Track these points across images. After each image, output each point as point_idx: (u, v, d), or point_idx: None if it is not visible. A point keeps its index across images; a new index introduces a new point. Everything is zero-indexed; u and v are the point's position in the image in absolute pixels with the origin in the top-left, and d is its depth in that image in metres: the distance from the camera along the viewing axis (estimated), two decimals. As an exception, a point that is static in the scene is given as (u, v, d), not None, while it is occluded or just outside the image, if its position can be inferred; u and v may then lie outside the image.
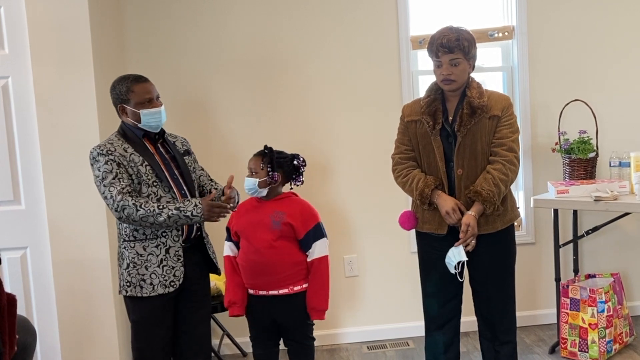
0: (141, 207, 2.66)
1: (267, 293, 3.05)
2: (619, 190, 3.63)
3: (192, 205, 2.70)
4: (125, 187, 2.70)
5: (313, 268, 3.07)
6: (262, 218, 3.05)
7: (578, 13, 4.10)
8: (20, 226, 3.33)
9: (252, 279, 3.08)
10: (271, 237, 3.02)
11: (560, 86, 4.09)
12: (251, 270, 3.06)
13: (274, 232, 3.02)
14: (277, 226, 3.02)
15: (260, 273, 3.04)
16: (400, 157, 2.99)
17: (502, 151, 2.83)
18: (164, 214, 2.67)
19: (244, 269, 3.10)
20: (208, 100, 4.02)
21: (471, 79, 2.88)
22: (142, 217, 2.67)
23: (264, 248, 3.02)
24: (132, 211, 2.66)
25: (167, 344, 2.90)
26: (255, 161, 3.09)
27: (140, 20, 3.94)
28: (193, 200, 2.73)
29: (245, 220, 3.10)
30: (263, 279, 3.04)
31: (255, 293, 3.09)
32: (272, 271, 3.02)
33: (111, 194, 2.68)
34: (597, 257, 4.23)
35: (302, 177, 3.18)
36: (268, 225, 3.03)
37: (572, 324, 3.66)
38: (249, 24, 3.99)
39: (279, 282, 3.04)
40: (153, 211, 2.67)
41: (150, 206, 2.67)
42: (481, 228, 2.86)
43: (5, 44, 3.27)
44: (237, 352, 4.08)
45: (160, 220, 2.68)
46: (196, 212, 2.69)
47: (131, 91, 2.80)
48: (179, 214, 2.68)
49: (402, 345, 4.07)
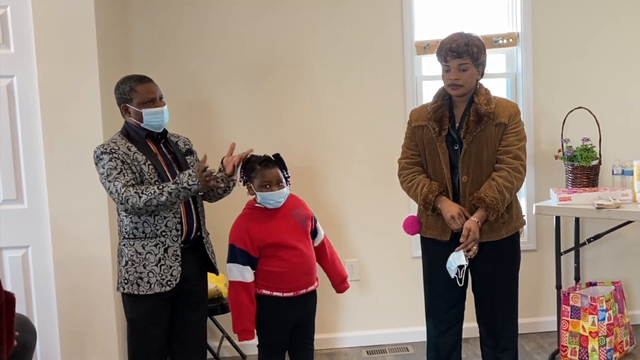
0: (143, 194, 2.70)
1: (307, 290, 3.04)
2: (622, 199, 3.63)
3: (186, 177, 2.74)
4: (129, 181, 2.73)
5: (327, 244, 3.19)
6: (287, 222, 3.02)
7: (582, 21, 4.11)
8: (22, 225, 3.33)
9: (296, 281, 3.01)
10: (304, 235, 3.05)
11: (564, 93, 4.10)
12: (297, 273, 3.00)
13: (304, 229, 3.06)
14: (304, 223, 3.05)
15: (305, 273, 3.02)
16: (407, 162, 2.99)
17: (508, 159, 2.82)
18: (164, 193, 2.70)
19: (287, 274, 2.98)
20: (211, 101, 4.02)
21: (479, 86, 2.89)
22: (146, 202, 2.69)
23: (305, 247, 3.03)
24: (135, 200, 2.69)
25: (163, 344, 2.90)
26: (275, 172, 2.99)
27: (146, 20, 3.94)
28: (186, 172, 2.77)
29: (276, 230, 2.99)
30: (306, 278, 3.03)
31: (295, 294, 3.01)
32: (313, 267, 3.06)
33: (116, 187, 2.71)
34: (599, 265, 4.22)
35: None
36: (297, 225, 3.03)
37: (573, 332, 3.66)
38: (254, 27, 4.00)
39: (314, 277, 3.08)
40: (154, 193, 2.70)
41: (150, 190, 2.71)
42: (486, 235, 2.85)
43: (11, 43, 3.26)
44: (237, 354, 4.08)
45: (163, 200, 2.70)
46: (192, 181, 2.73)
47: (134, 91, 2.83)
48: (178, 187, 2.72)
49: (401, 350, 4.07)
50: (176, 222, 2.83)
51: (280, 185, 2.97)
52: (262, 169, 2.97)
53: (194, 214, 2.93)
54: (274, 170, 2.98)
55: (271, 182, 2.96)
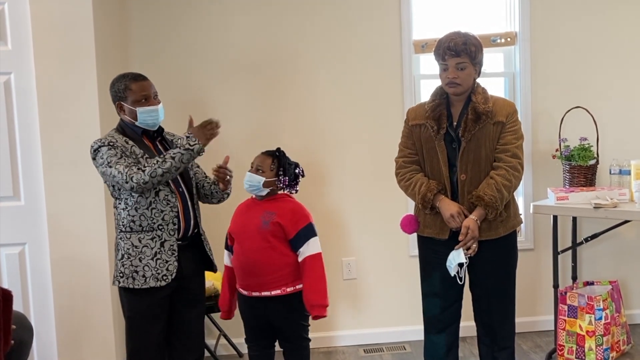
0: (145, 167, 2.71)
1: (260, 294, 3.03)
2: (619, 198, 3.63)
3: (184, 140, 2.75)
4: (130, 164, 2.74)
5: (307, 266, 3.01)
6: (253, 219, 3.05)
7: (581, 20, 4.11)
8: (19, 222, 3.33)
9: (244, 280, 3.07)
10: (260, 237, 3.00)
11: (562, 93, 4.10)
12: (242, 271, 3.06)
13: (262, 232, 3.01)
14: (266, 226, 3.00)
15: (250, 274, 3.03)
16: (404, 161, 2.98)
17: (506, 157, 2.83)
18: (168, 159, 2.71)
19: (237, 270, 3.10)
20: (209, 99, 4.01)
21: (477, 85, 2.89)
22: (150, 173, 2.69)
23: (254, 249, 3.01)
24: (139, 175, 2.68)
25: (161, 341, 2.90)
26: (264, 159, 3.08)
27: (144, 18, 3.94)
28: (182, 135, 2.80)
29: (238, 222, 3.12)
30: (254, 280, 3.03)
31: (248, 294, 3.06)
32: (262, 272, 3.00)
33: (118, 170, 2.71)
34: (596, 265, 4.23)
35: (298, 186, 3.15)
36: (257, 225, 3.02)
37: (570, 331, 3.67)
38: (251, 26, 3.99)
39: (270, 283, 3.01)
40: (157, 162, 2.71)
41: (152, 161, 2.73)
42: (484, 234, 2.85)
43: (9, 40, 3.26)
44: (233, 352, 4.08)
45: (167, 166, 2.70)
46: (192, 141, 2.74)
47: (129, 89, 2.83)
48: (180, 150, 2.73)
49: (399, 349, 4.07)
50: (173, 215, 2.83)
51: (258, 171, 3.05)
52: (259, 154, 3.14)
53: (191, 210, 2.92)
54: (261, 157, 3.09)
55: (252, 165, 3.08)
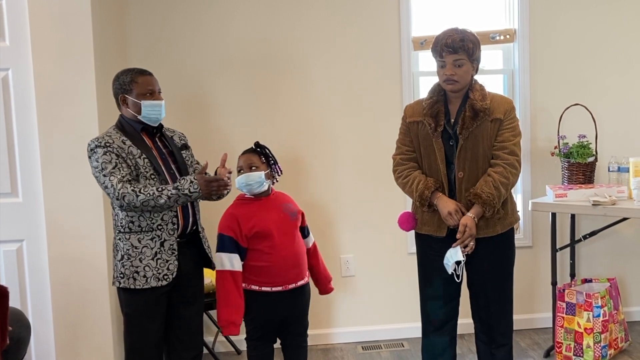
0: (141, 192, 2.69)
1: (296, 285, 3.04)
2: (617, 195, 3.63)
3: (187, 183, 2.73)
4: (125, 176, 2.72)
5: (315, 248, 3.24)
6: (277, 213, 3.04)
7: (580, 18, 4.11)
8: (17, 219, 3.32)
9: (284, 275, 3.01)
10: (293, 228, 3.08)
11: (561, 90, 4.10)
12: (284, 265, 3.01)
13: (294, 223, 3.09)
14: (295, 217, 3.08)
15: (294, 266, 3.04)
16: (401, 158, 2.98)
17: (504, 154, 2.82)
18: (163, 196, 2.70)
19: (274, 268, 2.99)
20: (208, 97, 4.01)
21: (474, 81, 2.88)
22: (143, 201, 2.68)
23: (293, 240, 3.06)
24: (132, 198, 2.67)
25: (159, 338, 2.90)
26: (251, 157, 3.04)
27: (142, 14, 3.93)
28: (188, 178, 2.76)
29: (265, 220, 3.00)
30: (294, 272, 3.04)
31: (283, 289, 3.01)
32: (301, 261, 3.08)
33: (111, 182, 2.69)
34: (594, 262, 4.23)
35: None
36: (287, 218, 3.05)
37: (568, 328, 3.67)
38: (251, 23, 3.99)
39: (303, 272, 3.09)
40: (153, 194, 2.69)
41: (149, 190, 2.70)
42: (481, 231, 2.85)
43: (7, 36, 3.25)
44: (232, 349, 4.08)
45: (161, 203, 2.70)
46: (193, 188, 2.72)
47: (134, 82, 2.84)
48: (178, 192, 2.72)
49: (397, 346, 4.07)
50: (172, 215, 2.83)
51: (252, 169, 3.02)
52: (241, 155, 3.07)
53: (190, 208, 2.92)
54: (246, 156, 3.06)
55: (243, 167, 3.03)
